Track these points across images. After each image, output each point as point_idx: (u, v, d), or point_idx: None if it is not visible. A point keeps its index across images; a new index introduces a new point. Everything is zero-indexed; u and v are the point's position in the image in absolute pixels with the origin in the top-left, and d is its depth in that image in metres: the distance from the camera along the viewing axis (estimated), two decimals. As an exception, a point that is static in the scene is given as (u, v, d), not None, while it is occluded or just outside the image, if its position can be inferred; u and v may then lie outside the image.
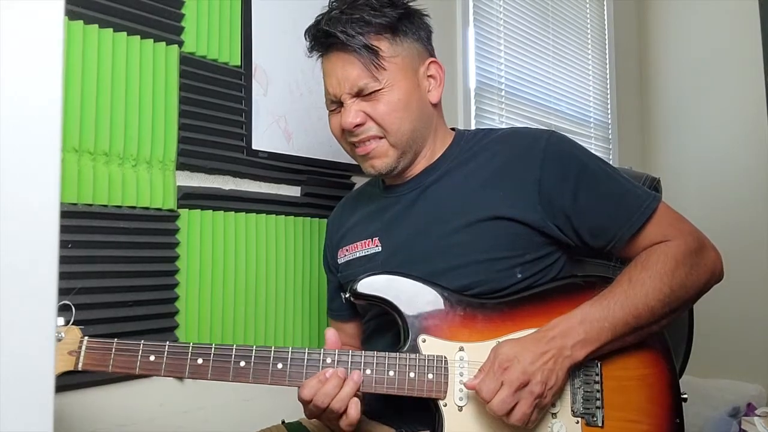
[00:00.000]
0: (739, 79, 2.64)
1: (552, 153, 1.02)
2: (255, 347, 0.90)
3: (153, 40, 1.20)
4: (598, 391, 0.94)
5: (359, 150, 1.08)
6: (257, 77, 1.39)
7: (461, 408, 0.92)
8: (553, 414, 0.93)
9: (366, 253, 1.11)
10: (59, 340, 0.84)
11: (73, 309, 0.84)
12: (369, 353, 0.92)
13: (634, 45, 3.01)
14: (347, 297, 0.99)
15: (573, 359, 0.90)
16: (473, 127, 2.03)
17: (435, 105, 1.11)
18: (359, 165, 1.12)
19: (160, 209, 1.20)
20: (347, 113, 1.05)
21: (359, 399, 0.91)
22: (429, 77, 1.10)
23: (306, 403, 0.90)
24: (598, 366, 0.95)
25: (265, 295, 1.37)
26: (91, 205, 1.10)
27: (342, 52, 1.04)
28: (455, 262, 1.01)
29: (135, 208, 1.16)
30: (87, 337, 0.86)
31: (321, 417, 0.93)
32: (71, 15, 1.09)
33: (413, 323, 0.95)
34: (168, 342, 0.88)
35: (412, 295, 0.97)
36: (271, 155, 1.40)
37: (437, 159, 1.11)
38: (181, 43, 1.26)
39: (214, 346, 0.89)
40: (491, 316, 0.97)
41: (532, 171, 1.01)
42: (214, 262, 1.28)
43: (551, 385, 0.88)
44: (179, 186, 1.24)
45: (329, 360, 0.91)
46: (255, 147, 1.37)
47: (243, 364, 0.89)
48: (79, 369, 0.85)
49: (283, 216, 1.42)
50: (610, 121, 2.79)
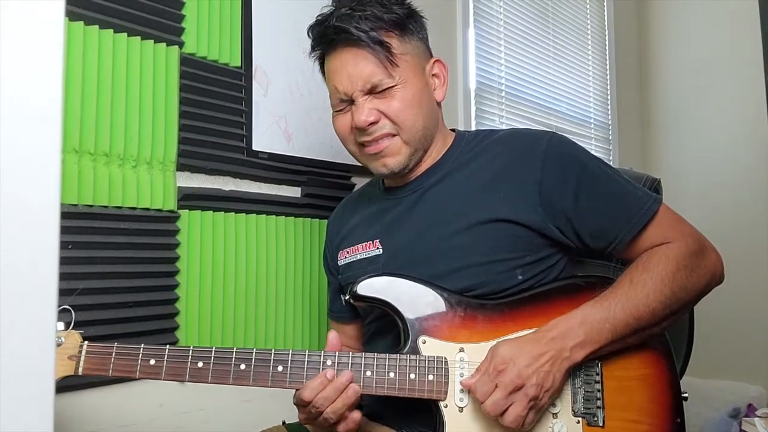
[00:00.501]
0: (740, 80, 2.64)
1: (552, 155, 1.02)
2: (255, 350, 0.89)
3: (153, 41, 1.20)
4: (598, 391, 0.94)
5: (370, 149, 1.06)
6: (257, 78, 1.39)
7: (462, 409, 0.92)
8: (554, 414, 0.93)
9: (367, 256, 1.11)
10: (59, 344, 0.83)
11: (73, 313, 0.83)
12: (369, 355, 0.92)
13: (634, 45, 3.01)
14: (347, 299, 0.99)
15: (572, 360, 0.90)
16: (473, 128, 2.03)
17: (439, 104, 1.12)
18: (365, 165, 1.10)
19: (160, 210, 1.20)
20: (360, 111, 1.03)
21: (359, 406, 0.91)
22: (434, 76, 1.10)
23: (304, 405, 0.90)
24: (598, 366, 0.95)
25: (266, 296, 1.37)
26: (92, 206, 1.11)
27: (353, 47, 1.02)
28: (456, 264, 1.01)
29: (135, 208, 1.16)
30: (87, 342, 0.86)
31: (315, 422, 0.92)
32: (72, 16, 1.09)
33: (413, 324, 0.95)
34: (168, 346, 0.88)
35: (411, 297, 0.97)
36: (272, 156, 1.40)
37: (438, 161, 1.11)
38: (182, 44, 1.26)
39: (214, 349, 0.89)
40: (491, 316, 0.97)
41: (532, 173, 1.01)
42: (214, 262, 1.28)
43: (548, 387, 0.88)
44: (179, 187, 1.24)
45: (329, 362, 0.90)
46: (255, 148, 1.37)
47: (243, 367, 0.88)
48: (80, 373, 0.85)
49: (284, 217, 1.42)
50: (610, 122, 2.79)
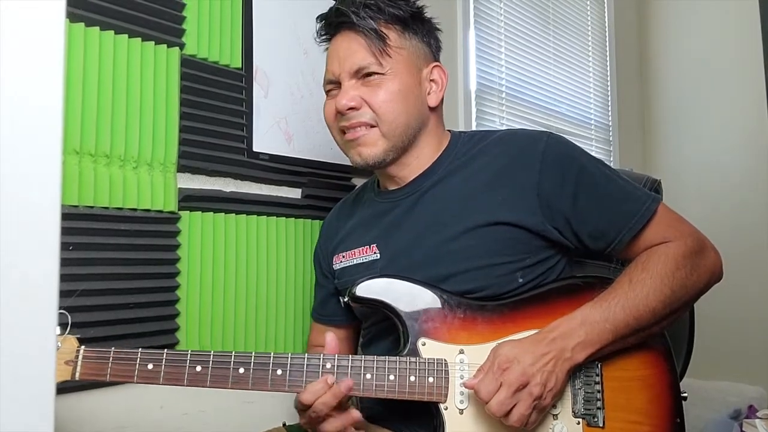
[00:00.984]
0: (740, 81, 2.64)
1: (550, 156, 1.01)
2: (254, 353, 0.89)
3: (154, 42, 1.20)
4: (598, 392, 0.94)
5: (348, 135, 1.06)
6: (258, 79, 1.39)
7: (462, 411, 0.91)
8: (554, 415, 0.93)
9: (363, 261, 1.10)
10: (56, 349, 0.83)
11: (69, 318, 0.81)
12: (369, 357, 0.91)
13: (634, 47, 3.01)
14: (346, 301, 0.98)
15: (573, 361, 0.90)
16: (474, 130, 2.03)
17: (434, 108, 1.11)
18: (345, 154, 1.10)
19: (161, 211, 1.20)
20: (343, 94, 1.04)
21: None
22: (431, 81, 1.10)
23: (304, 409, 0.89)
24: (598, 367, 0.95)
25: (266, 297, 1.37)
26: (92, 207, 1.10)
27: (350, 31, 1.05)
28: (455, 268, 1.01)
29: (136, 210, 1.16)
30: (84, 347, 0.85)
31: (317, 427, 0.91)
32: (72, 17, 1.09)
33: (413, 326, 0.95)
34: (166, 350, 0.87)
35: (411, 298, 0.96)
36: (272, 157, 1.40)
37: (434, 162, 1.11)
38: (182, 46, 1.26)
39: (212, 353, 0.88)
40: (491, 318, 0.97)
41: (530, 174, 1.01)
42: (214, 264, 1.28)
43: (551, 387, 0.88)
44: (180, 188, 1.24)
45: (329, 365, 0.90)
46: (256, 149, 1.37)
47: (242, 370, 0.88)
48: (77, 378, 0.84)
49: (284, 218, 1.42)
50: (610, 123, 2.79)
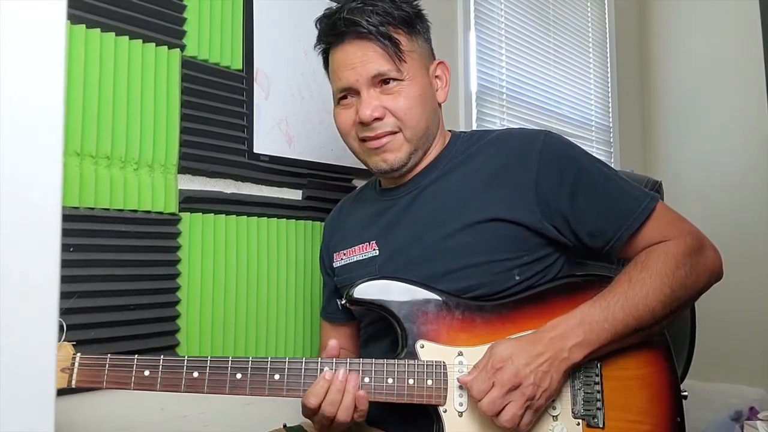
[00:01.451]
0: (741, 82, 2.64)
1: (548, 154, 1.01)
2: (251, 358, 0.89)
3: (155, 44, 1.21)
4: (598, 392, 0.94)
5: (372, 143, 1.05)
6: (259, 81, 1.39)
7: (461, 414, 0.91)
8: (554, 416, 0.93)
9: (363, 257, 1.11)
10: None
11: (65, 325, 0.80)
12: (367, 361, 0.91)
13: (635, 48, 3.01)
14: (343, 303, 0.98)
15: (570, 361, 0.89)
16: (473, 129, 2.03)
17: (440, 105, 1.13)
18: (364, 162, 1.10)
19: (161, 213, 1.20)
20: (366, 105, 1.02)
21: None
22: (436, 77, 1.11)
23: (313, 414, 0.89)
24: (598, 367, 0.95)
25: (267, 299, 1.37)
26: (93, 209, 1.11)
27: (362, 40, 1.02)
28: (453, 265, 1.01)
29: (136, 211, 1.17)
30: (80, 354, 0.84)
31: (332, 428, 0.91)
32: (73, 19, 1.09)
33: (411, 329, 0.94)
34: (162, 356, 0.87)
35: (409, 300, 0.96)
36: (273, 158, 1.40)
37: (433, 160, 1.11)
38: (183, 47, 1.26)
39: (209, 358, 0.88)
40: (490, 318, 0.96)
41: (528, 172, 1.01)
42: (215, 265, 1.28)
43: (545, 387, 0.87)
44: (181, 189, 1.24)
45: (327, 369, 0.90)
46: (256, 150, 1.37)
47: (239, 376, 0.88)
48: (73, 386, 0.83)
49: (285, 219, 1.42)
50: (611, 125, 2.79)
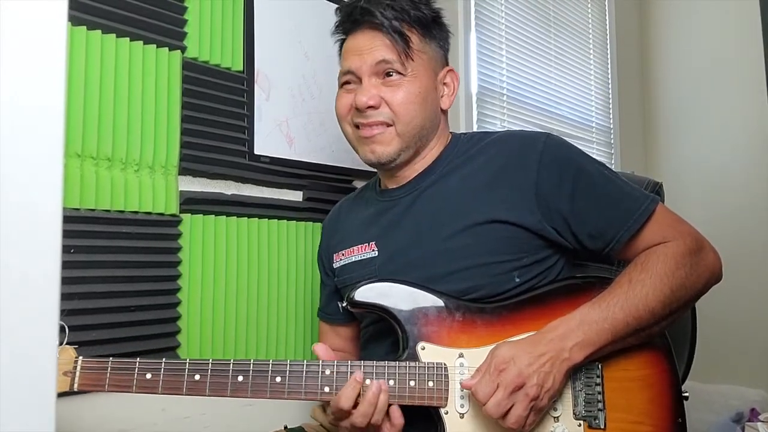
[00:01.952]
0: (741, 84, 2.64)
1: (549, 156, 1.02)
2: (252, 361, 0.89)
3: (156, 45, 1.21)
4: (599, 393, 0.94)
5: (363, 132, 1.06)
6: (259, 82, 1.39)
7: (462, 415, 0.91)
8: (556, 417, 0.93)
9: (362, 258, 1.11)
10: None
11: (67, 329, 0.80)
12: (368, 363, 0.91)
13: (636, 50, 3.01)
14: (344, 306, 0.98)
15: (571, 361, 0.90)
16: (474, 131, 2.03)
17: (444, 111, 1.13)
18: (355, 150, 1.10)
19: (162, 214, 1.20)
20: (364, 91, 1.04)
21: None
22: (444, 84, 1.12)
23: (343, 415, 0.88)
24: (599, 368, 0.95)
25: (267, 299, 1.37)
26: (94, 210, 1.11)
27: (372, 30, 1.05)
28: (453, 266, 1.01)
29: (137, 213, 1.17)
30: (81, 357, 0.84)
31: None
32: (74, 20, 1.09)
33: (412, 330, 0.94)
34: (164, 359, 0.87)
35: (409, 302, 0.96)
36: (273, 160, 1.40)
37: (433, 162, 1.11)
38: (184, 49, 1.26)
39: (211, 361, 0.88)
40: (490, 320, 0.96)
41: (528, 174, 1.01)
42: (216, 267, 1.28)
43: (548, 388, 0.88)
44: (181, 191, 1.24)
45: (328, 372, 0.90)
46: (257, 152, 1.37)
47: (241, 378, 0.88)
48: (75, 390, 0.83)
49: (285, 221, 1.42)
50: (612, 126, 2.79)
